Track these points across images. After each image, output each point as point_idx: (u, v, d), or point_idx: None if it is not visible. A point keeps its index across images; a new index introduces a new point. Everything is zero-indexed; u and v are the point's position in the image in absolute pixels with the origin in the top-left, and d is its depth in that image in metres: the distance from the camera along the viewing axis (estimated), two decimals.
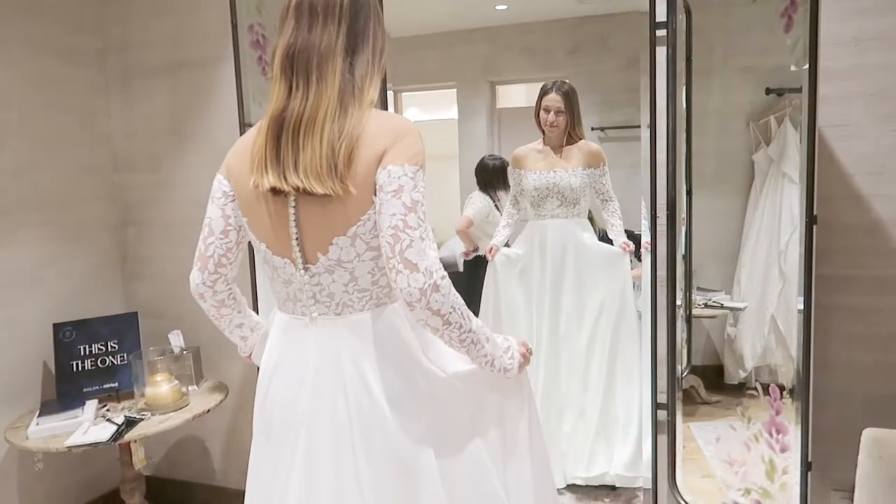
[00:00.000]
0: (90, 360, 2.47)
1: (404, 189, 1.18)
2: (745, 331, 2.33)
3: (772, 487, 1.83)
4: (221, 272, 1.39)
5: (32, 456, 2.48)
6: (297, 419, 1.30)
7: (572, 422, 2.65)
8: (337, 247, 1.24)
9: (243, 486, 2.65)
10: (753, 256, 2.27)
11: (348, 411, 1.27)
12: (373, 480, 1.26)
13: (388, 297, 1.32)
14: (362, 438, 1.26)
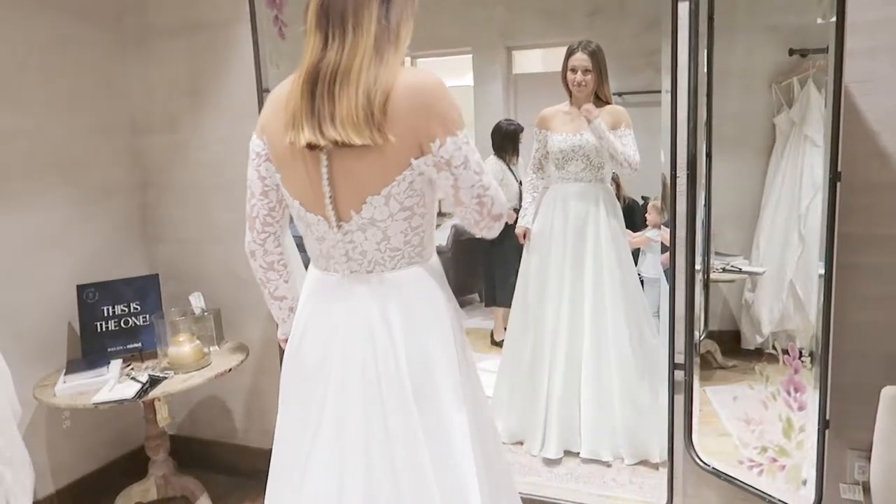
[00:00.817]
0: (113, 321, 2.51)
1: (469, 158, 1.25)
2: (763, 296, 2.32)
3: (788, 445, 1.83)
4: (269, 231, 1.41)
5: (60, 414, 2.54)
6: (327, 372, 1.32)
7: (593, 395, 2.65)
8: (370, 206, 1.25)
9: (264, 444, 2.72)
10: (773, 221, 2.26)
11: (377, 368, 1.29)
12: (402, 433, 1.28)
13: (419, 256, 1.34)
14: (391, 394, 1.28)
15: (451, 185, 1.27)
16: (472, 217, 1.30)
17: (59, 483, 2.55)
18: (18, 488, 2.14)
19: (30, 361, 2.40)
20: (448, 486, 1.28)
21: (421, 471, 1.28)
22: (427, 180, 1.28)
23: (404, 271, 1.32)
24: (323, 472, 1.32)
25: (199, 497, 2.47)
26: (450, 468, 1.28)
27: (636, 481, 2.50)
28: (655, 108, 2.33)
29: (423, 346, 1.30)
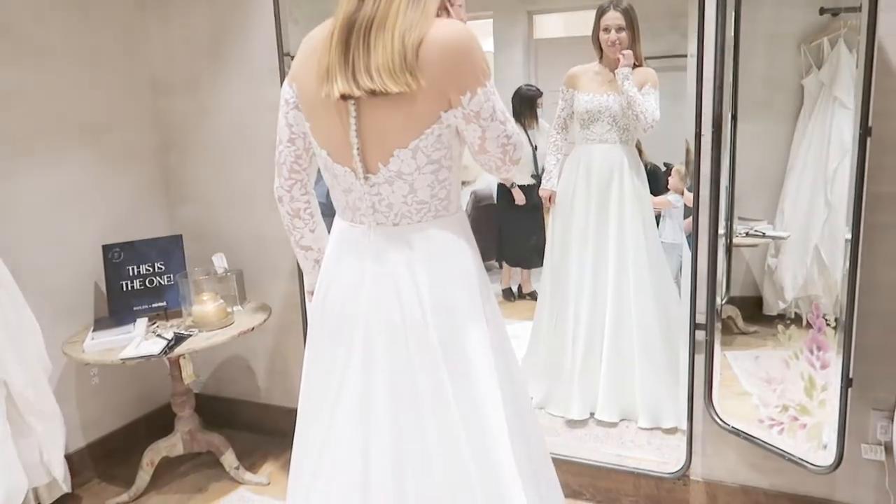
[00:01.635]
0: (138, 281, 2.55)
1: (496, 108, 1.26)
2: (787, 261, 2.29)
3: (810, 404, 1.83)
4: (296, 177, 1.42)
5: (88, 370, 2.60)
6: (354, 323, 1.33)
7: (614, 357, 2.66)
8: (398, 159, 1.25)
9: (287, 403, 2.77)
10: (799, 185, 2.22)
11: (403, 320, 1.30)
12: (428, 384, 1.29)
13: (445, 210, 1.34)
14: (417, 345, 1.30)
15: (478, 137, 1.27)
16: (494, 163, 1.32)
17: (90, 437, 2.62)
18: (50, 440, 2.21)
19: (58, 320, 2.45)
20: (475, 435, 1.29)
21: (448, 422, 1.29)
22: (454, 133, 1.28)
23: (430, 224, 1.32)
24: (349, 426, 1.33)
25: (225, 452, 2.53)
26: (477, 418, 1.29)
27: (654, 442, 2.52)
28: (678, 72, 2.28)
29: (449, 298, 1.31)
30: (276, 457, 2.69)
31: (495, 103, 1.26)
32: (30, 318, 2.20)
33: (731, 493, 2.11)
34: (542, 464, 1.51)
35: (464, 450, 1.28)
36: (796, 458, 1.84)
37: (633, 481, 2.24)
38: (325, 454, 1.37)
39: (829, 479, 1.96)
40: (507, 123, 1.29)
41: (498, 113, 1.27)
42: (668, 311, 2.64)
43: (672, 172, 3.09)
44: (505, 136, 1.29)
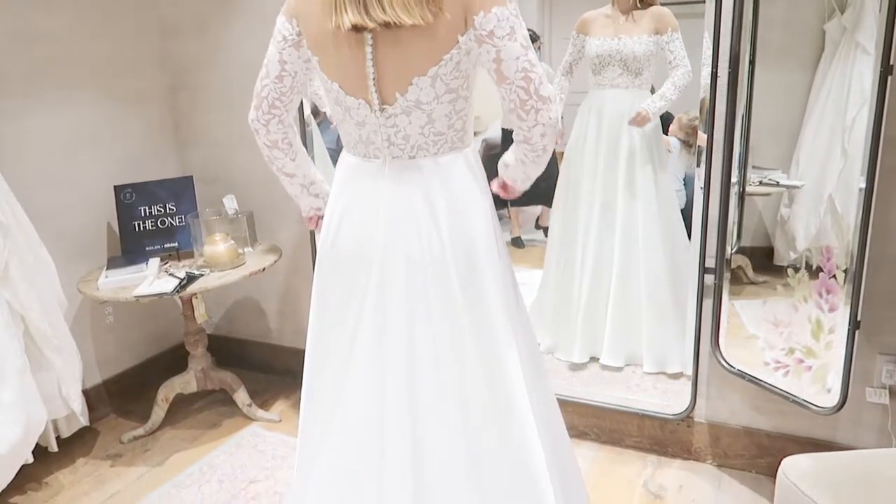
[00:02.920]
0: (150, 221, 2.57)
1: (516, 30, 1.20)
2: (800, 211, 2.27)
3: (816, 346, 1.84)
4: (275, 113, 1.39)
5: (103, 309, 2.65)
6: (370, 259, 1.32)
7: (620, 303, 2.67)
8: (416, 87, 1.23)
9: (297, 344, 2.81)
10: (816, 134, 2.18)
11: (422, 252, 1.29)
12: (446, 317, 1.30)
13: (461, 142, 1.32)
14: (435, 277, 1.30)
15: (492, 60, 1.21)
16: (518, 97, 1.23)
17: (105, 374, 2.68)
18: (68, 374, 2.27)
19: (72, 259, 2.49)
20: (492, 373, 1.31)
21: (464, 354, 1.30)
22: (472, 61, 1.25)
23: (447, 156, 1.31)
24: (365, 364, 1.34)
25: (237, 390, 2.59)
26: (494, 355, 1.31)
27: (659, 387, 2.55)
28: (695, 20, 2.23)
29: (467, 230, 1.31)
30: (287, 396, 2.75)
31: (516, 25, 1.20)
32: (45, 256, 2.23)
33: (734, 435, 2.15)
34: (551, 407, 1.53)
35: (480, 386, 1.30)
36: (800, 400, 1.86)
37: (638, 422, 2.27)
38: (341, 394, 1.37)
39: (831, 421, 1.98)
40: (530, 52, 1.23)
41: (518, 36, 1.20)
42: (676, 256, 2.64)
43: (675, 119, 3.06)
44: (527, 62, 1.21)
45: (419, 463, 1.28)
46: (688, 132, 3.02)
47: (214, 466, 2.31)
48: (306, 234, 2.63)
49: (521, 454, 1.31)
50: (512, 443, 1.31)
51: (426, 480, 1.27)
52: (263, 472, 2.26)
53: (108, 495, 2.20)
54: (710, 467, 2.19)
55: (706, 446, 2.20)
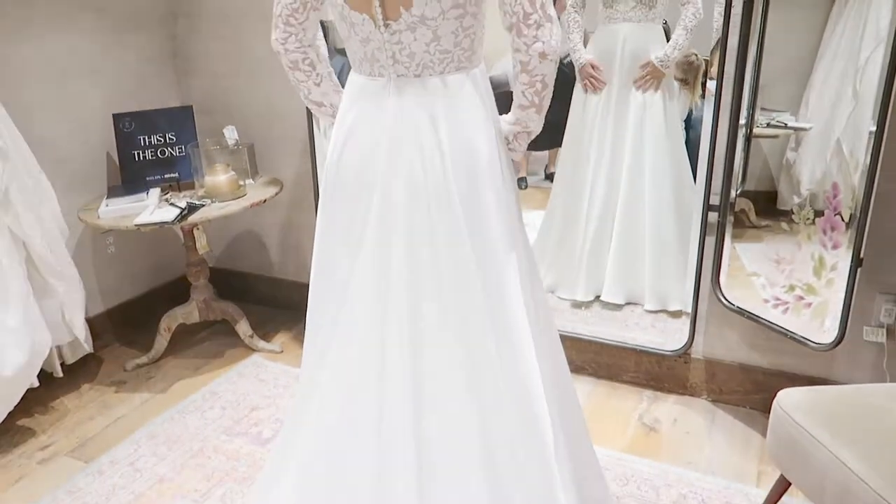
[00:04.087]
0: (150, 151, 2.54)
1: None
2: (806, 155, 2.24)
3: (817, 283, 1.84)
4: (290, 31, 1.35)
5: (105, 239, 2.65)
6: (373, 178, 1.30)
7: (625, 240, 2.66)
8: (421, 1, 1.20)
9: (299, 278, 2.83)
10: (827, 75, 2.13)
11: (424, 173, 1.27)
12: (448, 239, 1.29)
13: (469, 62, 1.29)
14: (436, 203, 1.28)
15: None
16: (523, 8, 1.19)
17: (108, 304, 2.70)
18: (71, 301, 2.28)
19: (72, 188, 2.47)
20: (493, 297, 1.31)
21: (465, 280, 1.30)
22: None
23: (454, 76, 1.28)
24: (366, 288, 1.33)
25: (239, 321, 2.61)
26: (495, 278, 1.30)
27: (657, 326, 2.57)
28: None
29: (471, 151, 1.29)
30: (288, 328, 2.77)
31: None
32: (44, 182, 2.21)
33: (730, 371, 2.17)
34: (553, 337, 1.54)
35: (481, 313, 1.30)
36: (798, 337, 1.88)
37: (635, 358, 2.30)
38: (341, 317, 1.37)
39: (827, 358, 2.01)
40: None
41: None
42: (683, 195, 2.63)
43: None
44: None
45: (419, 384, 1.29)
46: (685, 69, 2.96)
47: (217, 394, 2.35)
48: (308, 167, 2.61)
49: (519, 378, 1.32)
50: (511, 368, 1.32)
51: (426, 398, 1.28)
52: (265, 400, 2.30)
53: (112, 419, 2.24)
54: (705, 402, 2.22)
55: (702, 382, 2.23)
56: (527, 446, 1.30)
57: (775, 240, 2.11)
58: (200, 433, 2.14)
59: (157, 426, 2.18)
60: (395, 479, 1.27)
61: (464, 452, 1.28)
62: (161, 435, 2.14)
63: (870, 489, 1.32)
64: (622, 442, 2.05)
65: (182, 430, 2.16)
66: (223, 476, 1.95)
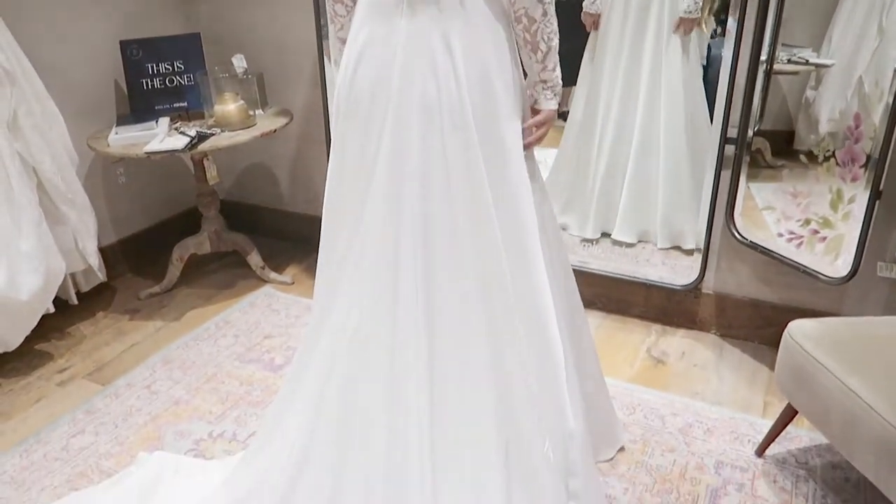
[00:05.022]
0: (158, 79, 2.51)
1: None
2: (826, 93, 2.18)
3: (833, 217, 1.82)
4: None
5: (115, 169, 2.64)
6: (385, 101, 1.28)
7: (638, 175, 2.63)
8: None
9: (309, 210, 2.82)
10: (852, 10, 2.06)
11: (439, 96, 1.24)
12: (462, 159, 1.27)
13: None
14: (451, 125, 1.26)
15: None
16: None
17: (120, 234, 2.72)
18: (83, 229, 2.29)
19: (80, 116, 2.44)
20: (506, 210, 1.29)
21: (479, 200, 1.28)
22: None
23: None
24: (380, 212, 1.31)
25: (250, 253, 2.62)
26: (508, 187, 1.29)
27: (668, 262, 2.56)
28: None
29: (487, 73, 1.26)
30: (299, 261, 2.79)
31: None
32: (52, 108, 2.19)
33: (740, 306, 2.18)
34: (567, 270, 1.54)
35: (495, 236, 1.29)
36: (810, 270, 1.87)
37: (645, 292, 2.31)
38: (353, 245, 1.37)
39: (838, 293, 2.00)
40: None
41: None
42: (699, 135, 2.58)
43: None
44: None
45: (432, 310, 1.29)
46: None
47: (230, 322, 2.38)
48: (318, 98, 2.57)
49: (532, 302, 1.32)
50: (524, 292, 1.32)
51: (438, 324, 1.29)
52: (277, 329, 2.33)
53: (128, 345, 2.28)
54: (713, 337, 2.24)
55: (711, 317, 2.24)
56: (539, 370, 1.31)
57: (792, 175, 2.08)
58: (214, 359, 2.18)
59: (171, 352, 2.22)
60: (408, 405, 1.28)
61: (475, 376, 1.30)
62: (175, 360, 2.18)
63: (876, 414, 1.34)
64: (629, 373, 2.07)
65: (196, 356, 2.20)
66: (237, 400, 1.99)
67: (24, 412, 1.97)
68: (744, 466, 1.71)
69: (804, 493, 1.62)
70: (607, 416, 1.72)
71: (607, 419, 1.71)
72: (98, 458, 1.79)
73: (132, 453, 1.78)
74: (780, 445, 1.75)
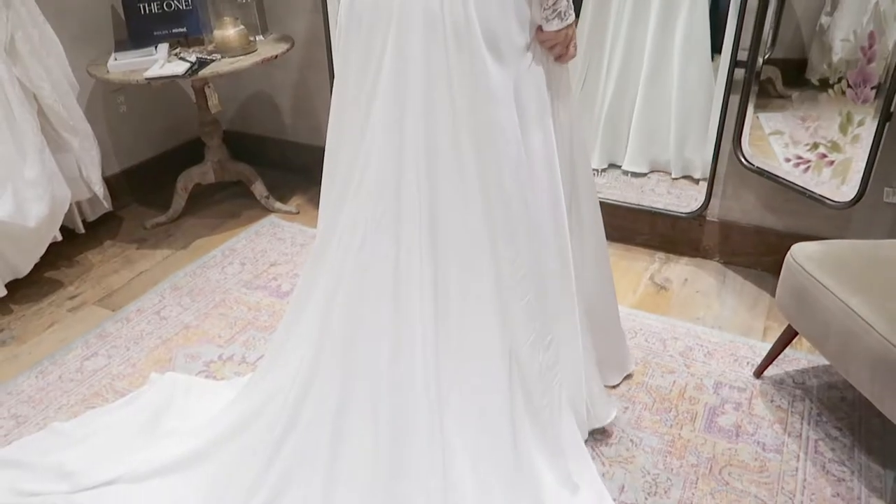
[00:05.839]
0: (156, 4, 2.45)
1: None
2: (841, 19, 2.11)
3: (842, 140, 1.80)
4: None
5: (116, 98, 2.61)
6: (388, 12, 1.23)
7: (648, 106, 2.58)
8: None
9: (313, 141, 2.80)
10: None
11: (442, 8, 1.20)
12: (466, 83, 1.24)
13: None
14: (455, 42, 1.22)
15: None
16: None
17: (124, 164, 2.71)
18: (87, 157, 2.28)
19: (78, 43, 2.40)
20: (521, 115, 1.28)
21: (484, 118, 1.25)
22: None
23: None
24: (382, 135, 1.29)
25: (254, 182, 2.62)
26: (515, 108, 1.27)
27: (674, 192, 2.54)
28: None
29: None
30: (303, 191, 2.79)
31: None
32: (50, 33, 2.16)
33: (744, 233, 2.18)
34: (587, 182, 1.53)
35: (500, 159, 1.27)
36: (816, 195, 1.86)
37: (650, 220, 2.31)
38: (356, 167, 1.35)
39: (843, 219, 2.00)
40: None
41: None
42: (710, 63, 2.52)
43: None
44: None
45: (435, 221, 1.29)
46: None
47: (236, 251, 2.40)
48: (320, 24, 2.51)
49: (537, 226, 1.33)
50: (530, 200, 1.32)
51: (441, 235, 1.29)
52: (283, 257, 2.35)
53: (136, 273, 2.31)
54: (717, 264, 2.25)
55: (715, 244, 2.24)
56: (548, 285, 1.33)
57: (801, 100, 2.05)
58: (221, 286, 2.21)
59: (179, 279, 2.25)
60: (412, 317, 1.30)
61: (479, 289, 1.31)
62: (184, 287, 2.21)
63: (874, 332, 1.35)
64: (632, 299, 2.10)
65: (204, 283, 2.23)
66: (246, 324, 2.03)
67: (37, 336, 2.02)
68: (742, 387, 1.75)
69: (800, 412, 1.66)
70: (617, 343, 1.74)
71: (617, 346, 1.74)
72: (111, 379, 1.84)
73: (144, 374, 1.83)
74: (778, 367, 1.79)
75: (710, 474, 1.51)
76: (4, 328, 2.05)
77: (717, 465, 1.53)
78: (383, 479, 1.30)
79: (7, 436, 1.66)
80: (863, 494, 1.46)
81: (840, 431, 1.61)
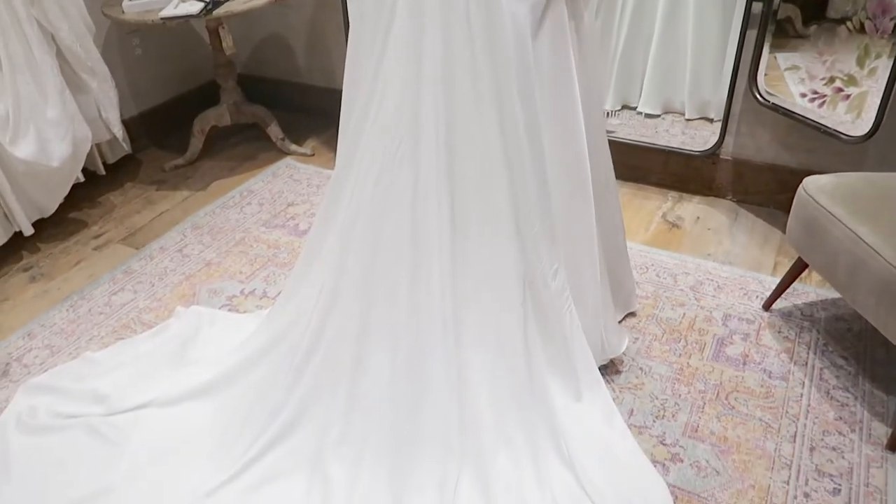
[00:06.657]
0: None
1: None
2: None
3: (859, 74, 1.79)
4: None
5: (131, 40, 2.62)
6: None
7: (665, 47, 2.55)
8: None
9: (327, 83, 2.80)
10: None
11: None
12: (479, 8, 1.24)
13: None
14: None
15: None
16: None
17: (140, 107, 2.74)
18: (105, 99, 2.31)
19: None
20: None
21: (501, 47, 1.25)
22: None
23: None
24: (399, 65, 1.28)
25: (270, 124, 2.64)
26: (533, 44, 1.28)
27: (688, 132, 2.54)
28: None
29: None
30: (318, 134, 2.81)
31: None
32: None
33: (758, 171, 2.19)
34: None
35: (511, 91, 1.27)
36: (831, 130, 1.86)
37: (663, 159, 2.31)
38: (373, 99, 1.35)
39: (857, 156, 2.00)
40: None
41: None
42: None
43: None
44: None
45: (453, 154, 1.32)
46: None
47: (254, 192, 2.44)
48: None
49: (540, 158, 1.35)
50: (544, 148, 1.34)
51: (458, 167, 1.31)
52: (300, 197, 2.39)
53: (157, 213, 2.36)
54: (729, 202, 2.26)
55: (728, 183, 2.25)
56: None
57: (819, 34, 2.02)
58: (241, 225, 2.26)
59: (199, 219, 2.30)
60: (430, 242, 1.34)
61: (496, 216, 1.34)
62: (204, 226, 2.26)
63: (881, 258, 1.38)
64: (644, 237, 2.12)
65: (224, 222, 2.28)
66: (265, 261, 2.09)
67: (65, 273, 2.09)
68: (750, 318, 1.79)
69: (806, 342, 1.70)
70: (624, 279, 1.77)
71: (623, 282, 1.77)
72: (139, 312, 1.91)
73: (170, 308, 1.90)
74: (787, 301, 1.82)
75: (717, 399, 1.57)
76: (33, 265, 2.12)
77: (724, 391, 1.59)
78: (402, 399, 1.36)
79: (43, 364, 1.74)
80: (865, 418, 1.51)
81: (845, 360, 1.65)
